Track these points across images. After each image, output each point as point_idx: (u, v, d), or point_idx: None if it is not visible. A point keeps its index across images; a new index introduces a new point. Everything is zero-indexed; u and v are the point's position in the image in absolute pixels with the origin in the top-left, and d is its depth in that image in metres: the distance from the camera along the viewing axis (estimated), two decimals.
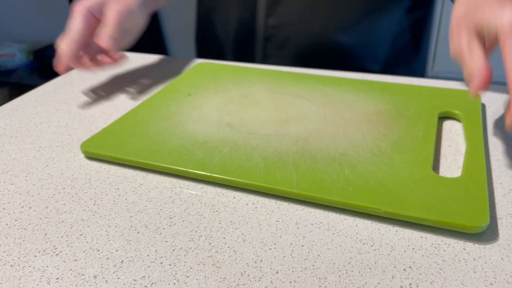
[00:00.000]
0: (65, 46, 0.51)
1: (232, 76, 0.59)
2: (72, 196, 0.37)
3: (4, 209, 0.36)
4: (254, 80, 0.57)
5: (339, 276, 0.29)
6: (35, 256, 0.31)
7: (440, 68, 1.72)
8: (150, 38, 2.39)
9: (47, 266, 0.30)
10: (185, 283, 0.29)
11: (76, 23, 0.51)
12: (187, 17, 2.32)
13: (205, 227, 0.33)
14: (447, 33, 0.43)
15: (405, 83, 0.55)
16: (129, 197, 0.37)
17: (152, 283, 0.29)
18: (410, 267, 0.29)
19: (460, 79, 0.53)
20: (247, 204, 0.36)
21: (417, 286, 0.28)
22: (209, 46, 0.76)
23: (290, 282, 0.28)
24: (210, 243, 0.32)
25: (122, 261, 0.30)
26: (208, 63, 0.64)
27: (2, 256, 0.31)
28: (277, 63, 0.68)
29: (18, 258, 0.31)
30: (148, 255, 0.31)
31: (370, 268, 0.29)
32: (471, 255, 0.30)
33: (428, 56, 0.72)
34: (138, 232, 0.33)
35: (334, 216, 0.34)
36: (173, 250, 0.31)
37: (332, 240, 0.32)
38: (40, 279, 0.29)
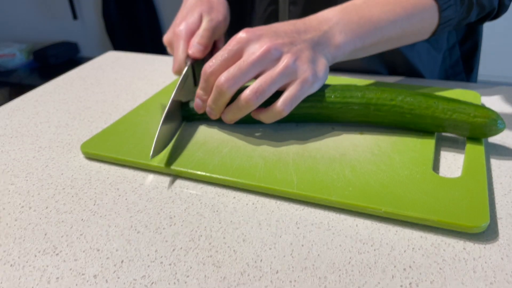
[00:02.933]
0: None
1: None
2: (72, 196, 0.37)
3: (4, 209, 0.36)
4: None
5: (339, 276, 0.29)
6: (35, 256, 0.31)
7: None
8: (150, 38, 2.39)
9: (47, 266, 0.30)
10: (185, 282, 0.29)
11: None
12: None
13: (205, 227, 0.33)
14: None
15: (404, 84, 0.55)
16: (129, 197, 0.37)
17: (152, 283, 0.29)
18: (410, 267, 0.29)
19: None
20: (247, 204, 0.36)
21: (417, 286, 0.28)
22: None
23: (290, 281, 0.28)
24: (210, 243, 0.32)
25: (122, 261, 0.30)
26: None
27: (2, 256, 0.31)
28: None
29: (18, 258, 0.31)
30: (148, 255, 0.31)
31: (370, 268, 0.29)
32: (471, 255, 0.30)
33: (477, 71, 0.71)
34: (138, 232, 0.33)
35: (334, 216, 0.34)
36: (173, 250, 0.31)
37: (332, 240, 0.32)
38: (40, 278, 0.29)
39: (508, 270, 0.29)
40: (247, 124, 0.46)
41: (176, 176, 0.39)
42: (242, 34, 0.42)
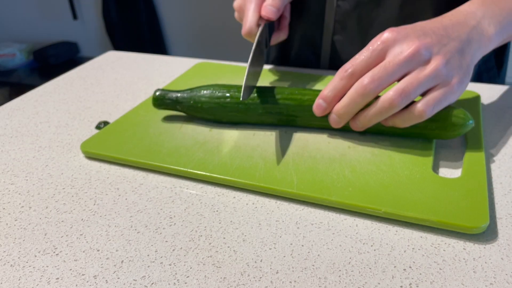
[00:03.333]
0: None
1: (232, 76, 0.59)
2: (72, 196, 0.37)
3: (4, 209, 0.36)
4: None
5: (339, 276, 0.29)
6: (35, 256, 0.31)
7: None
8: (150, 38, 2.39)
9: (47, 266, 0.30)
10: (185, 283, 0.29)
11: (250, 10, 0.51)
12: (187, 17, 2.32)
13: (205, 227, 0.33)
14: None
15: None
16: (129, 197, 0.37)
17: (152, 283, 0.29)
18: (410, 267, 0.29)
19: None
20: (247, 204, 0.36)
21: (417, 286, 0.28)
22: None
23: (290, 282, 0.28)
24: (210, 243, 0.32)
25: (122, 261, 0.30)
26: (208, 63, 0.64)
27: (2, 256, 0.31)
28: None
29: (18, 258, 0.31)
30: (148, 255, 0.31)
31: (370, 268, 0.29)
32: (471, 255, 0.30)
33: (508, 68, 0.70)
34: (138, 232, 0.33)
35: (334, 216, 0.34)
36: (173, 250, 0.31)
37: (332, 240, 0.32)
38: (40, 279, 0.29)
39: (508, 270, 0.29)
40: (251, 124, 0.46)
41: (176, 176, 0.39)
42: (387, 34, 0.39)
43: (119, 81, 0.62)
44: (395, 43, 0.39)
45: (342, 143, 0.42)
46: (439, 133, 0.40)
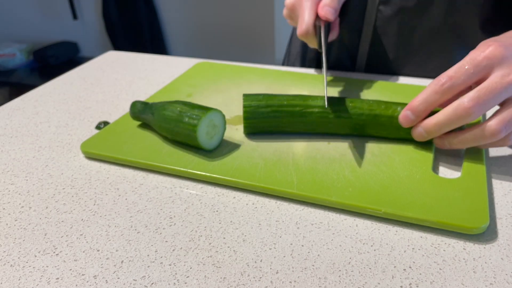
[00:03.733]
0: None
1: (232, 76, 0.59)
2: (72, 196, 0.37)
3: (4, 209, 0.36)
4: (254, 80, 0.57)
5: (339, 276, 0.29)
6: (35, 256, 0.31)
7: None
8: (150, 38, 2.39)
9: (47, 266, 0.30)
10: (185, 283, 0.29)
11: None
12: (187, 17, 2.32)
13: (205, 227, 0.33)
14: None
15: (405, 83, 0.55)
16: (129, 197, 0.37)
17: (152, 283, 0.29)
18: (410, 267, 0.29)
19: None
20: (247, 204, 0.36)
21: (417, 286, 0.28)
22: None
23: (290, 282, 0.28)
24: (210, 243, 0.32)
25: (122, 261, 0.30)
26: (208, 63, 0.64)
27: (2, 256, 0.31)
28: None
29: (18, 258, 0.31)
30: (148, 255, 0.31)
31: (370, 268, 0.29)
32: (471, 255, 0.30)
33: None
34: (138, 232, 0.33)
35: (334, 216, 0.34)
36: (173, 250, 0.31)
37: (332, 240, 0.32)
38: (40, 279, 0.29)
39: (508, 270, 0.29)
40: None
41: (176, 176, 0.39)
42: (493, 49, 0.35)
43: (119, 81, 0.62)
44: (503, 61, 0.34)
45: (342, 144, 0.42)
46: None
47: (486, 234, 0.32)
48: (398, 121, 0.40)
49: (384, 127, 0.42)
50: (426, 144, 0.41)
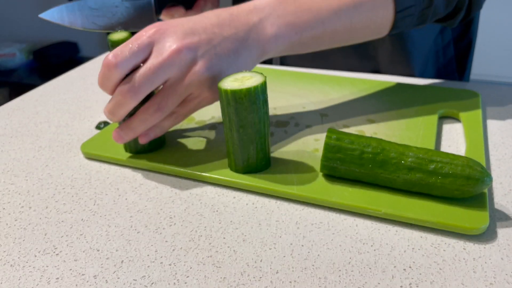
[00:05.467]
0: None
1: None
2: (72, 196, 0.37)
3: (4, 209, 0.36)
4: None
5: (339, 276, 0.29)
6: (35, 256, 0.31)
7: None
8: None
9: (47, 266, 0.30)
10: (185, 283, 0.29)
11: None
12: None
13: (205, 227, 0.33)
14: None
15: (405, 83, 0.55)
16: (129, 197, 0.37)
17: (152, 283, 0.29)
18: (410, 267, 0.29)
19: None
20: (247, 204, 0.36)
21: (417, 286, 0.28)
22: None
23: (290, 282, 0.28)
24: (210, 243, 0.32)
25: (122, 261, 0.30)
26: None
27: (2, 256, 0.31)
28: (296, 64, 0.66)
29: (18, 258, 0.31)
30: (148, 255, 0.31)
31: (370, 268, 0.29)
32: (471, 255, 0.30)
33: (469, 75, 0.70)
34: (138, 232, 0.33)
35: (334, 216, 0.34)
36: (173, 250, 0.31)
37: (332, 240, 0.32)
38: (40, 279, 0.29)
39: (508, 270, 0.29)
40: None
41: (176, 176, 0.39)
42: (151, 28, 0.36)
43: None
44: (160, 40, 0.36)
45: None
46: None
47: (486, 234, 0.32)
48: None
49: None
50: (426, 144, 0.41)
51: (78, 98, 0.57)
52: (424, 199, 0.33)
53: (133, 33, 0.38)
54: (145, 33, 0.36)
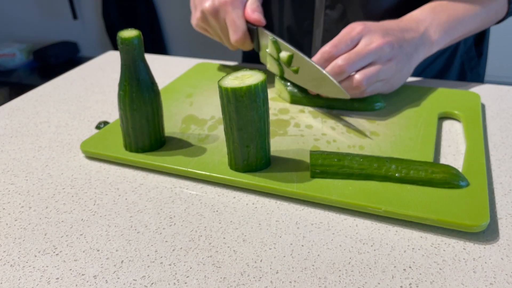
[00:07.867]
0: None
1: None
2: (72, 196, 0.37)
3: (4, 209, 0.36)
4: None
5: (339, 276, 0.29)
6: (35, 256, 0.31)
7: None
8: (150, 38, 2.39)
9: (47, 266, 0.30)
10: (185, 283, 0.29)
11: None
12: (187, 17, 2.32)
13: (205, 227, 0.33)
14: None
15: (405, 83, 0.55)
16: (129, 197, 0.37)
17: (152, 283, 0.29)
18: (410, 267, 0.29)
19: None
20: (247, 204, 0.36)
21: (417, 286, 0.28)
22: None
23: (290, 282, 0.28)
24: (210, 243, 0.32)
25: (122, 261, 0.30)
26: (208, 63, 0.64)
27: (2, 256, 0.31)
28: None
29: (18, 258, 0.31)
30: (148, 255, 0.31)
31: (370, 268, 0.29)
32: (471, 255, 0.30)
33: (487, 59, 0.72)
34: (138, 232, 0.33)
35: (334, 216, 0.34)
36: (173, 250, 0.31)
37: (332, 240, 0.32)
38: (40, 279, 0.29)
39: (508, 270, 0.29)
40: None
41: (176, 176, 0.39)
42: (356, 26, 0.46)
43: None
44: (366, 34, 0.46)
45: (342, 143, 0.42)
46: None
47: (486, 234, 0.32)
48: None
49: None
50: (426, 145, 0.41)
51: (78, 98, 0.57)
52: (425, 197, 0.34)
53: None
54: (355, 29, 0.46)
